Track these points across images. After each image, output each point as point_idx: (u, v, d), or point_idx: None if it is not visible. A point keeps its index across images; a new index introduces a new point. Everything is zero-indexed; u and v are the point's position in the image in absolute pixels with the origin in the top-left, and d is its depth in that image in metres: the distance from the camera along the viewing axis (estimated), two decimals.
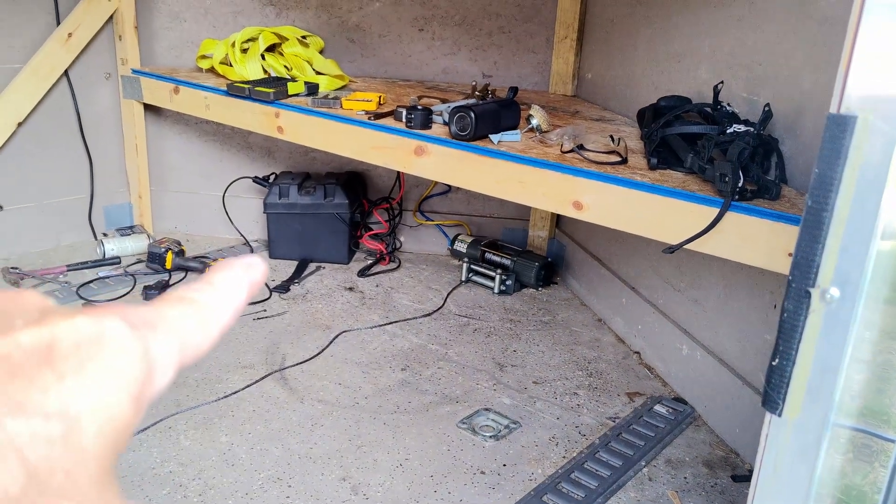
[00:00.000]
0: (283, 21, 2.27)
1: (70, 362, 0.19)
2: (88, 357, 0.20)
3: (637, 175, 1.34)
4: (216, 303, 0.26)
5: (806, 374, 0.52)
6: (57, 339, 0.20)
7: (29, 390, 0.18)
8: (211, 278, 0.27)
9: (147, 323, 0.22)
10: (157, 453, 1.38)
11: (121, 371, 0.20)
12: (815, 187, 0.49)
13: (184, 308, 0.25)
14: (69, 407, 0.19)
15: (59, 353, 0.19)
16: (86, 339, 0.20)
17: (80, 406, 0.19)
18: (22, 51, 2.08)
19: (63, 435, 0.18)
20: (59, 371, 0.19)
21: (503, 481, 1.36)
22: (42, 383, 0.19)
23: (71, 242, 2.29)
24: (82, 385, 0.19)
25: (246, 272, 0.27)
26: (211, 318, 0.25)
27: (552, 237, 2.35)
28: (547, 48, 2.23)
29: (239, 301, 0.27)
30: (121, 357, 0.21)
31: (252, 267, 0.28)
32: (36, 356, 0.19)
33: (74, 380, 0.19)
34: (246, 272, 0.27)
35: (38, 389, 0.18)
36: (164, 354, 0.22)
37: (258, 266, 0.28)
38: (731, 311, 1.51)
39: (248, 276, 0.27)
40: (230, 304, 0.26)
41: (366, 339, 1.85)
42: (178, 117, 2.36)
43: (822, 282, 0.50)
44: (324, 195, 2.21)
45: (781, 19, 1.36)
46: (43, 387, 0.19)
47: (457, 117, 1.50)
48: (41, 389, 0.18)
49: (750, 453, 1.45)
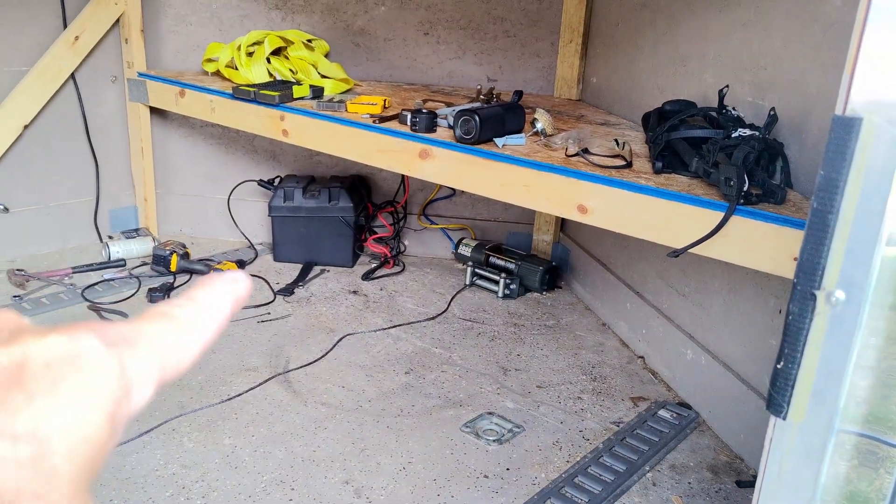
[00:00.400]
0: (288, 25, 2.27)
1: (41, 382, 0.19)
2: (61, 376, 0.19)
3: (642, 179, 1.33)
4: (198, 319, 0.25)
5: (811, 378, 0.52)
6: (28, 358, 0.19)
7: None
8: (193, 294, 0.26)
9: (124, 340, 0.22)
10: (160, 455, 1.38)
11: (95, 390, 0.20)
12: (821, 190, 0.49)
13: (164, 324, 0.24)
14: (39, 428, 0.18)
15: (30, 374, 0.19)
16: (58, 358, 0.20)
17: (52, 427, 0.18)
18: (29, 53, 2.09)
19: (32, 457, 0.18)
20: (30, 391, 0.19)
21: (506, 485, 1.36)
22: (11, 405, 0.18)
23: (76, 245, 2.29)
24: (54, 405, 0.19)
25: (229, 287, 0.27)
26: (192, 334, 0.25)
27: (556, 241, 2.35)
28: (552, 52, 2.24)
29: (221, 317, 0.26)
30: (95, 376, 0.20)
31: (236, 282, 0.27)
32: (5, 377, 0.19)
33: (45, 400, 0.19)
34: (229, 287, 0.27)
35: (7, 411, 0.18)
36: (141, 372, 0.22)
37: (242, 282, 0.28)
38: (735, 315, 1.51)
39: (231, 292, 0.27)
40: (212, 320, 0.26)
41: (369, 343, 1.85)
42: (183, 120, 2.37)
43: (827, 284, 0.50)
44: (328, 198, 2.21)
45: (787, 24, 1.36)
46: (12, 409, 0.18)
47: (461, 121, 1.50)
48: (10, 411, 0.18)
49: (754, 459, 1.44)
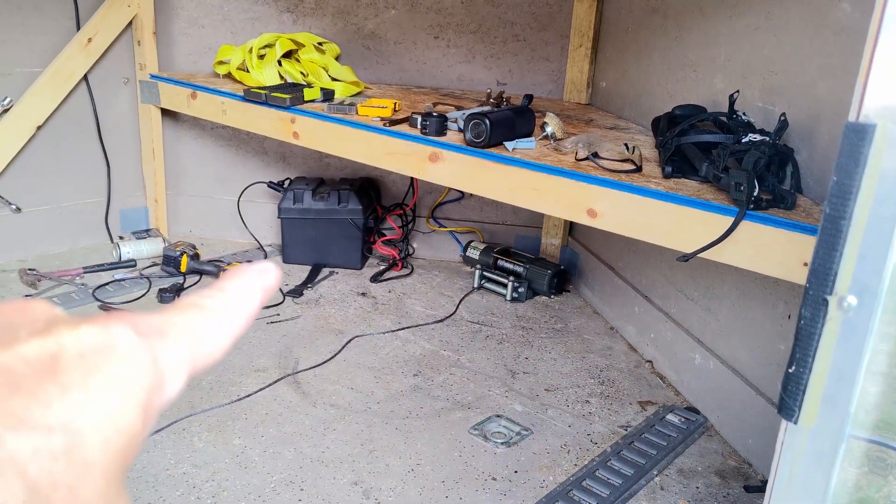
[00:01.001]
0: (299, 28, 2.29)
1: (75, 374, 0.19)
2: (94, 367, 0.19)
3: (651, 183, 1.34)
4: (228, 309, 0.25)
5: (822, 382, 0.52)
6: (62, 349, 0.19)
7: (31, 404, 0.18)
8: (223, 285, 0.26)
9: (156, 330, 0.22)
10: (171, 455, 1.39)
11: (128, 381, 0.20)
12: (834, 195, 0.49)
13: (195, 315, 0.24)
14: (73, 420, 0.18)
15: (64, 365, 0.19)
16: (91, 349, 0.20)
17: (85, 418, 0.19)
18: (42, 55, 2.10)
19: (66, 449, 0.18)
20: (63, 383, 0.19)
21: (514, 488, 1.36)
22: (45, 397, 0.18)
23: (87, 245, 2.31)
24: (87, 397, 0.19)
25: (259, 278, 0.27)
26: (223, 324, 0.25)
27: (565, 245, 2.35)
28: (562, 56, 2.24)
29: (252, 307, 0.26)
30: (128, 366, 0.20)
31: (265, 272, 0.27)
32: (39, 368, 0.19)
33: (79, 392, 0.19)
34: (259, 278, 0.27)
35: (41, 403, 0.18)
36: (173, 362, 0.22)
37: (271, 272, 0.28)
38: (744, 320, 1.51)
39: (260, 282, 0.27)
40: (243, 310, 0.26)
41: (378, 345, 1.86)
42: (194, 122, 2.38)
43: (839, 289, 0.50)
44: (338, 201, 2.22)
45: (797, 29, 1.36)
46: (46, 400, 0.18)
47: (472, 124, 1.51)
48: (44, 403, 0.18)
49: (763, 464, 1.44)
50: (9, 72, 2.06)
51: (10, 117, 2.05)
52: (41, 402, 0.18)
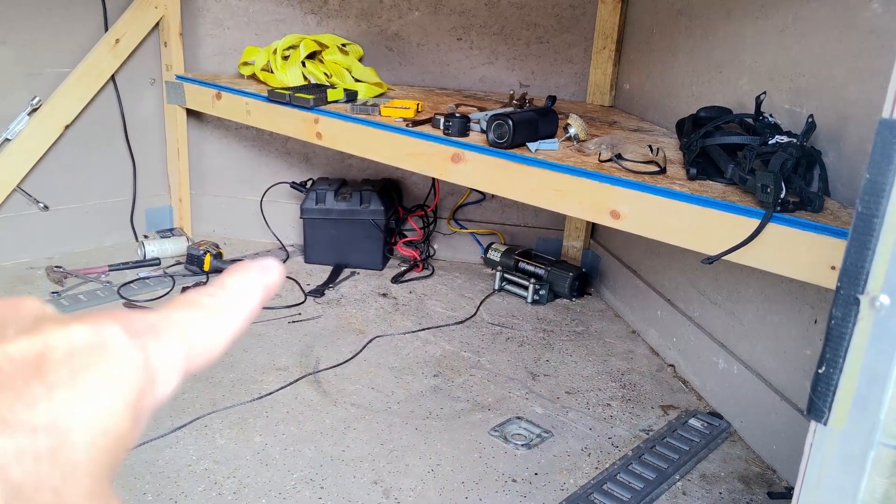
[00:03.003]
0: (323, 29, 2.30)
1: (61, 373, 0.18)
2: (82, 366, 0.19)
3: (676, 185, 1.33)
4: (227, 306, 0.25)
5: (853, 383, 0.51)
6: (49, 348, 0.19)
7: (15, 404, 0.17)
8: (223, 281, 0.25)
9: (150, 328, 0.21)
10: (193, 451, 1.40)
11: (117, 381, 0.19)
12: (866, 193, 0.49)
13: (192, 312, 0.24)
14: (59, 420, 0.18)
15: (51, 364, 0.18)
16: (80, 348, 0.19)
17: (71, 419, 0.18)
18: (71, 55, 2.14)
19: (51, 450, 0.17)
20: (50, 382, 0.18)
21: (535, 490, 1.36)
22: (30, 397, 0.18)
23: (113, 243, 2.34)
24: (74, 396, 0.18)
25: (261, 276, 0.26)
26: (221, 322, 0.24)
27: (587, 248, 2.34)
28: (585, 58, 2.23)
29: (252, 305, 0.25)
30: (117, 366, 0.19)
31: (268, 270, 0.27)
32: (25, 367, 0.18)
33: (65, 391, 0.18)
34: (261, 276, 0.26)
35: (26, 403, 0.18)
36: (166, 362, 0.21)
37: (274, 269, 0.27)
38: (769, 324, 1.49)
39: (262, 280, 0.26)
40: (242, 308, 0.25)
41: (399, 345, 1.86)
42: (218, 122, 2.40)
43: (871, 289, 0.49)
44: (360, 201, 2.23)
45: (825, 30, 1.34)
46: (30, 400, 0.18)
47: (495, 125, 1.51)
48: (29, 403, 0.18)
49: (787, 470, 1.42)
50: (38, 72, 2.09)
51: (39, 117, 2.08)
52: (26, 402, 0.18)
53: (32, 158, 2.10)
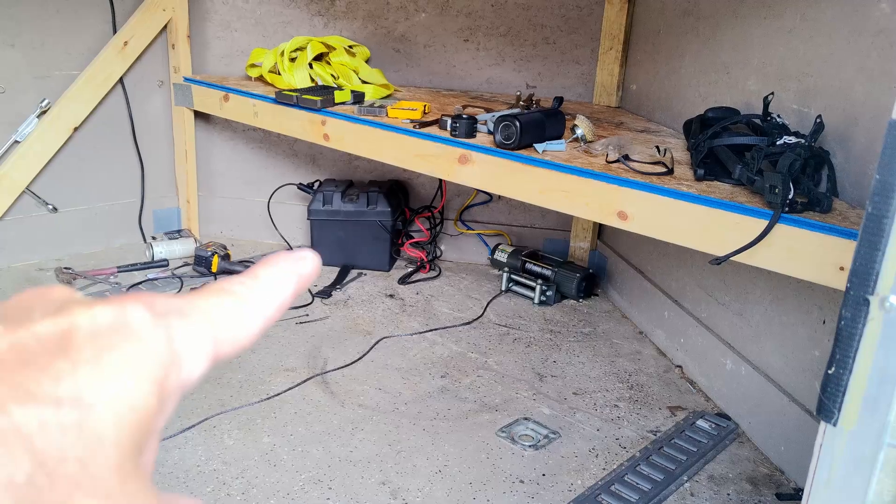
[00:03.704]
0: (330, 31, 2.31)
1: (86, 350, 0.19)
2: (106, 345, 0.19)
3: (683, 186, 1.33)
4: (259, 295, 0.24)
5: (863, 384, 0.51)
6: (74, 327, 0.19)
7: (40, 379, 0.18)
8: (257, 271, 0.25)
9: (176, 311, 0.22)
10: (201, 451, 1.40)
11: (140, 359, 0.20)
12: (876, 194, 0.49)
13: (221, 298, 0.24)
14: (83, 394, 0.18)
15: (76, 342, 0.19)
16: (105, 328, 0.20)
17: (95, 393, 0.18)
18: (79, 58, 2.15)
19: (76, 422, 0.18)
20: (74, 359, 0.19)
21: (542, 491, 1.36)
22: (55, 372, 0.18)
23: (121, 245, 2.35)
24: (98, 372, 0.19)
25: (295, 265, 0.26)
26: (252, 310, 0.24)
27: (594, 249, 2.34)
28: (592, 59, 2.23)
29: (285, 295, 0.25)
30: (140, 344, 0.20)
31: (302, 260, 0.26)
32: (51, 345, 0.19)
33: (90, 367, 0.19)
34: (295, 265, 0.26)
35: (50, 378, 0.18)
36: (192, 342, 0.22)
37: (309, 259, 0.26)
38: (777, 325, 1.49)
39: (296, 269, 0.26)
40: (275, 297, 0.25)
41: (406, 346, 1.86)
42: (226, 124, 2.41)
43: (881, 289, 0.49)
44: (367, 203, 2.23)
45: (833, 31, 1.34)
46: (55, 375, 0.18)
47: (502, 126, 1.51)
48: (53, 378, 0.18)
49: (795, 471, 1.42)
50: (47, 74, 2.10)
51: (48, 119, 2.10)
52: (51, 377, 0.18)
53: (41, 160, 2.11)
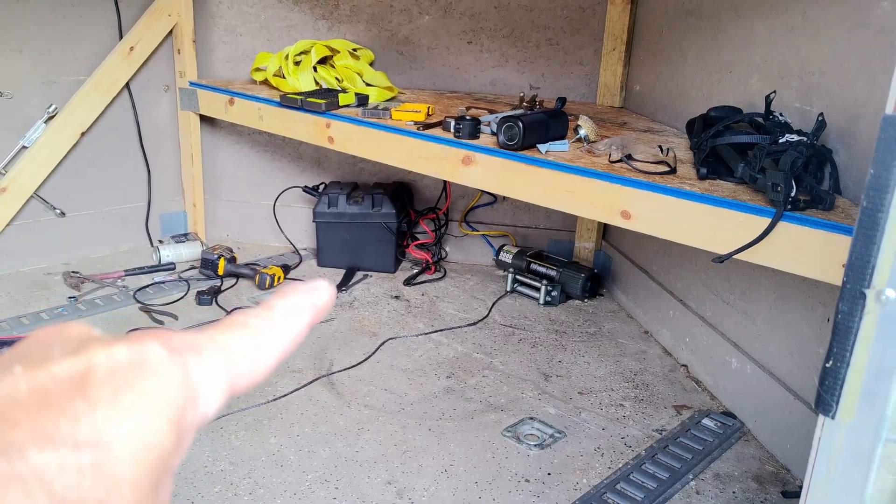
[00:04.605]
0: (334, 34, 2.32)
1: (104, 390, 0.19)
2: (124, 384, 0.19)
3: (686, 185, 1.33)
4: (274, 328, 0.25)
5: (860, 377, 0.52)
6: (92, 367, 0.19)
7: (59, 420, 0.18)
8: (272, 304, 0.25)
9: (191, 347, 0.22)
10: (209, 452, 1.42)
11: (157, 396, 0.20)
12: (871, 189, 0.49)
13: (237, 332, 0.24)
14: (101, 435, 0.18)
15: (94, 382, 0.19)
16: (121, 366, 0.20)
17: (113, 433, 0.19)
18: (86, 63, 2.17)
19: (94, 464, 0.18)
20: (92, 399, 0.19)
21: (548, 490, 1.36)
22: (73, 413, 0.18)
23: (128, 248, 2.36)
24: (115, 412, 0.19)
25: (309, 296, 0.26)
26: (267, 342, 0.24)
27: (598, 249, 2.34)
28: (595, 60, 2.24)
29: (300, 326, 0.25)
30: (157, 382, 0.20)
31: (317, 290, 0.26)
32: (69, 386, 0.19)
33: (107, 408, 0.19)
34: (309, 296, 0.26)
35: (69, 419, 0.18)
36: (209, 379, 0.22)
37: (323, 290, 0.27)
38: (782, 323, 1.49)
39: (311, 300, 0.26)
40: (291, 329, 0.25)
41: (411, 347, 1.87)
42: (231, 128, 2.43)
43: (877, 283, 0.50)
44: (371, 205, 2.24)
45: (835, 29, 1.34)
46: (74, 416, 0.18)
47: (505, 127, 1.52)
48: (72, 419, 0.18)
49: (801, 469, 1.42)
50: (54, 80, 2.12)
51: (56, 124, 2.11)
52: (69, 418, 0.18)
53: (49, 165, 2.13)
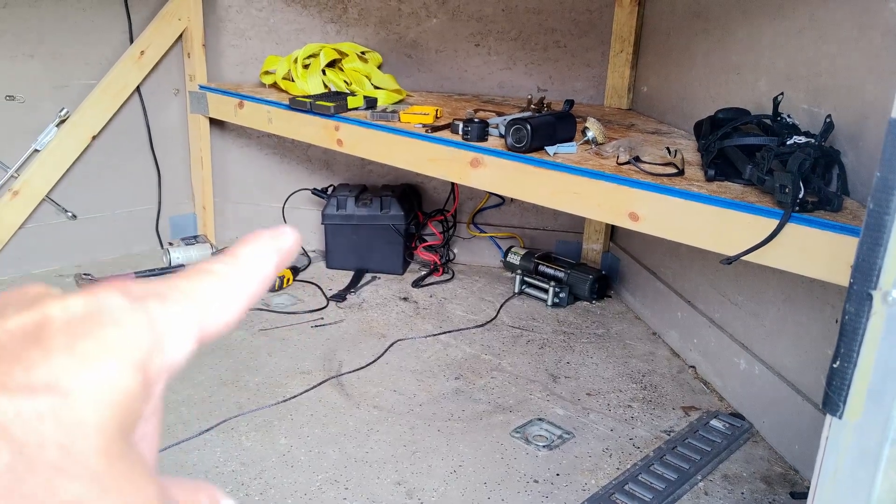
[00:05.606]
0: (343, 38, 2.33)
1: (59, 339, 0.19)
2: (81, 333, 0.19)
3: (694, 186, 1.33)
4: (240, 273, 0.24)
5: (867, 377, 0.52)
6: (47, 319, 0.19)
7: (12, 369, 0.18)
8: (236, 250, 0.25)
9: (153, 294, 0.22)
10: (220, 453, 1.43)
11: (118, 343, 0.20)
12: (877, 191, 0.50)
13: (202, 279, 0.23)
14: (58, 381, 0.18)
15: (49, 332, 0.19)
16: (78, 316, 0.20)
17: (71, 380, 0.18)
18: (97, 67, 2.19)
19: (53, 409, 0.18)
20: (46, 348, 0.19)
21: (556, 490, 1.37)
22: (26, 361, 0.18)
23: (139, 251, 2.38)
24: (72, 359, 0.19)
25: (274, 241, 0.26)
26: (234, 287, 0.24)
27: (606, 250, 2.35)
28: (602, 62, 2.24)
29: (267, 270, 0.25)
30: (117, 329, 0.20)
31: (281, 235, 0.26)
32: (23, 338, 0.19)
33: (64, 355, 0.19)
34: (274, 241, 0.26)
35: (22, 367, 0.18)
36: (175, 324, 0.22)
37: (287, 234, 0.26)
38: (790, 324, 1.49)
39: (275, 245, 0.26)
40: (257, 273, 0.25)
41: (420, 348, 1.88)
42: (241, 131, 2.44)
43: (883, 284, 0.50)
44: (380, 207, 2.26)
45: (843, 31, 1.35)
46: (27, 364, 0.18)
47: (513, 129, 1.53)
48: (24, 367, 0.18)
49: (810, 470, 1.42)
50: (66, 84, 2.14)
51: (67, 128, 2.13)
52: (22, 366, 0.18)
53: (61, 169, 2.15)
